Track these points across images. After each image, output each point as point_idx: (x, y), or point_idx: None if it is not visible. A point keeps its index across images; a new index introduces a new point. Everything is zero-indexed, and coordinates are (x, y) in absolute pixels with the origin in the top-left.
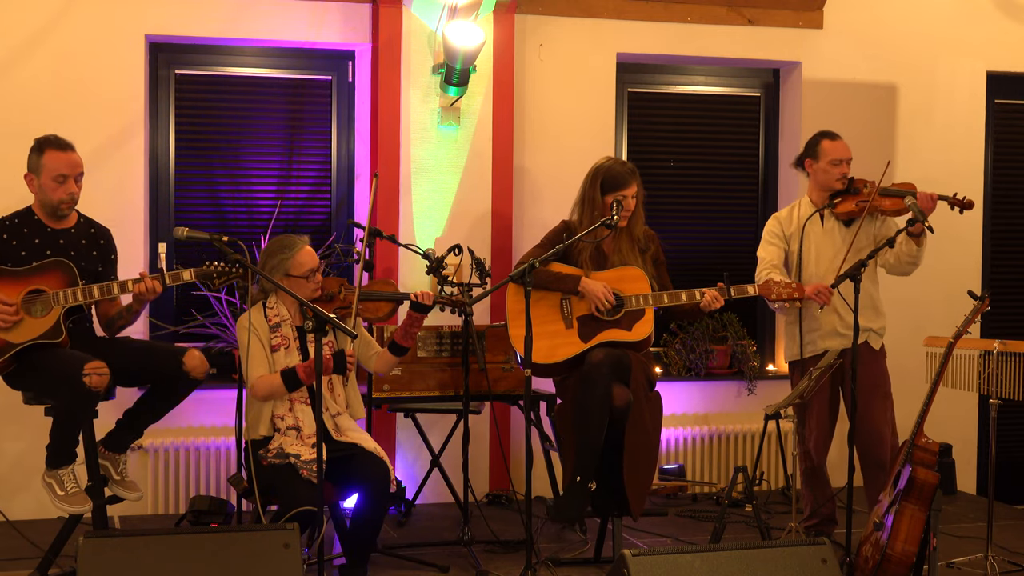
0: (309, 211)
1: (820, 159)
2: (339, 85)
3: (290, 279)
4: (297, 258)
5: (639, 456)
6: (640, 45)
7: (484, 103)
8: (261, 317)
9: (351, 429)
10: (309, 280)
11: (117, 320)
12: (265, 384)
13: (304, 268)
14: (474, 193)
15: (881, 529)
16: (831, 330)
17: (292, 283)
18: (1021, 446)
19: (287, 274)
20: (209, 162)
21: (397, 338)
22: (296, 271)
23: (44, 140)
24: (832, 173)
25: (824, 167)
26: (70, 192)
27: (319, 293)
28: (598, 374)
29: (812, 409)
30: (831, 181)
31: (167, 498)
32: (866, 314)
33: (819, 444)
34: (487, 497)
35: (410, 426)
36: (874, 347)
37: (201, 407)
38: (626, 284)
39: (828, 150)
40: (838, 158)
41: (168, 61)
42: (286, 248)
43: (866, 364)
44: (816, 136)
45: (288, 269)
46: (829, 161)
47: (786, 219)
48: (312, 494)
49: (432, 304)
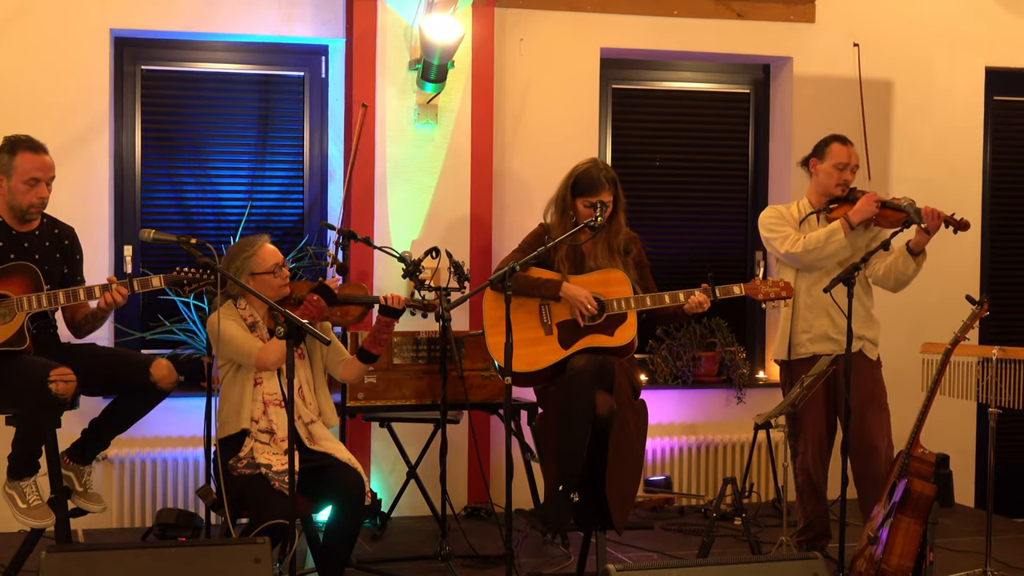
0: (280, 212)
1: (826, 160)
2: (312, 81)
3: (257, 278)
4: (259, 255)
5: (623, 467)
6: (625, 40)
7: (463, 100)
8: (235, 313)
9: (325, 438)
10: (276, 275)
11: (84, 325)
12: (274, 348)
13: (268, 263)
14: (452, 193)
15: (876, 543)
16: (822, 334)
17: (259, 281)
18: (1021, 457)
19: (253, 273)
20: (177, 162)
21: (366, 345)
22: (260, 267)
23: (16, 140)
24: (834, 177)
25: (827, 169)
26: (41, 196)
27: (288, 290)
28: (580, 381)
29: (807, 422)
30: (831, 186)
31: (133, 511)
32: (856, 321)
33: (817, 459)
34: (466, 510)
35: (386, 436)
36: (870, 357)
37: (169, 417)
38: (608, 288)
39: (835, 153)
40: (843, 162)
41: (134, 57)
42: (247, 247)
43: (862, 374)
44: (828, 137)
45: (252, 268)
46: (834, 164)
47: (786, 213)
48: (284, 506)
49: (403, 308)
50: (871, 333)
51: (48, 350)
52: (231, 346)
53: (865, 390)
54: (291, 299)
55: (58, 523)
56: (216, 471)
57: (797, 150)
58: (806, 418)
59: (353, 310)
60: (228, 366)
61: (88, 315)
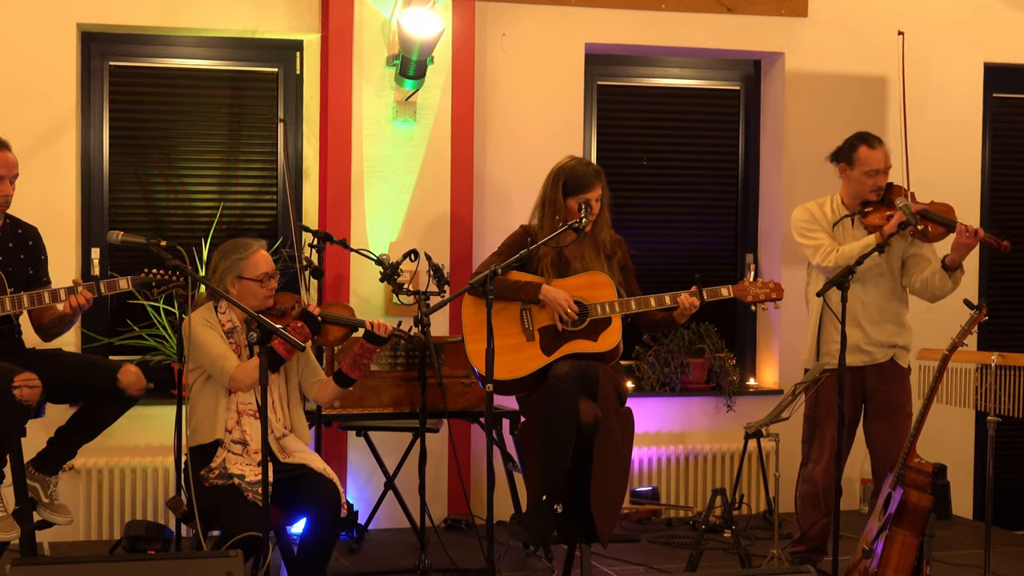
0: (253, 213)
1: (855, 167)
2: (286, 78)
3: (243, 282)
4: (252, 259)
5: (608, 477)
6: (610, 35)
7: (442, 97)
8: (214, 317)
9: (298, 450)
10: (263, 285)
11: (52, 328)
12: (249, 370)
13: (258, 271)
14: (431, 194)
15: (871, 556)
16: (853, 345)
17: (244, 286)
18: (1021, 467)
19: (240, 276)
20: (146, 161)
21: (345, 368)
22: (249, 273)
23: None
24: (867, 184)
25: (859, 177)
26: (4, 194)
27: (271, 302)
28: (563, 388)
29: (826, 429)
30: (864, 191)
31: (101, 523)
32: (888, 328)
33: (830, 468)
34: (445, 522)
35: (362, 445)
36: (901, 365)
37: (138, 425)
38: (591, 291)
39: (865, 159)
40: (874, 169)
41: (102, 52)
42: (241, 248)
43: (891, 381)
44: (854, 140)
45: (241, 271)
46: (864, 172)
47: (819, 213)
48: (257, 518)
49: (388, 337)
50: (903, 340)
51: (12, 355)
52: (206, 357)
53: (893, 398)
54: (274, 311)
55: (23, 536)
56: (187, 481)
57: (789, 149)
58: (825, 424)
59: (335, 330)
60: (200, 371)
61: (55, 318)
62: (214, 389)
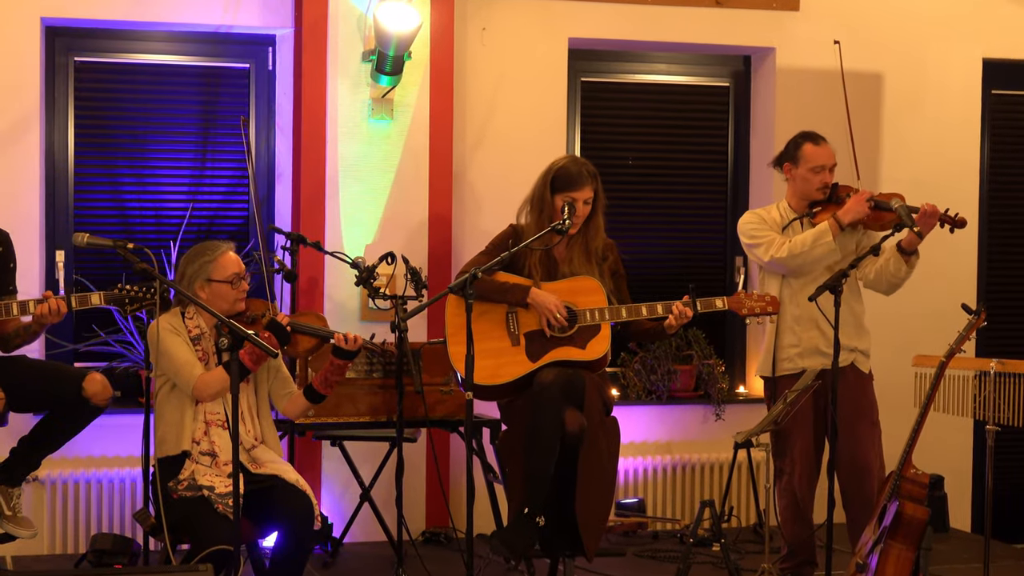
0: (224, 215)
1: (800, 164)
2: (257, 74)
3: (212, 285)
4: (220, 261)
5: (593, 488)
6: (595, 29)
7: (420, 94)
8: (181, 324)
9: (270, 460)
10: (234, 286)
11: (14, 338)
12: (215, 378)
13: (228, 272)
14: (409, 195)
15: (865, 570)
16: (812, 348)
17: (214, 289)
18: (1020, 478)
19: (209, 279)
20: (113, 160)
21: (315, 384)
22: (219, 275)
23: None
24: (812, 181)
25: (804, 174)
26: None
27: (243, 306)
28: (548, 396)
29: (794, 440)
30: (811, 190)
31: (66, 536)
32: (847, 331)
33: (804, 480)
34: (423, 535)
35: (337, 455)
36: (862, 370)
37: (104, 434)
38: (580, 297)
39: (809, 155)
40: (820, 165)
41: (66, 47)
42: (209, 251)
43: (852, 388)
44: (798, 138)
45: (210, 273)
46: (810, 168)
47: (767, 217)
48: (228, 531)
49: (358, 350)
50: (863, 344)
51: None
52: (171, 365)
53: (856, 406)
54: (245, 316)
55: None
56: (155, 493)
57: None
58: (793, 436)
59: (305, 341)
60: (165, 379)
61: (19, 328)
62: (179, 398)
